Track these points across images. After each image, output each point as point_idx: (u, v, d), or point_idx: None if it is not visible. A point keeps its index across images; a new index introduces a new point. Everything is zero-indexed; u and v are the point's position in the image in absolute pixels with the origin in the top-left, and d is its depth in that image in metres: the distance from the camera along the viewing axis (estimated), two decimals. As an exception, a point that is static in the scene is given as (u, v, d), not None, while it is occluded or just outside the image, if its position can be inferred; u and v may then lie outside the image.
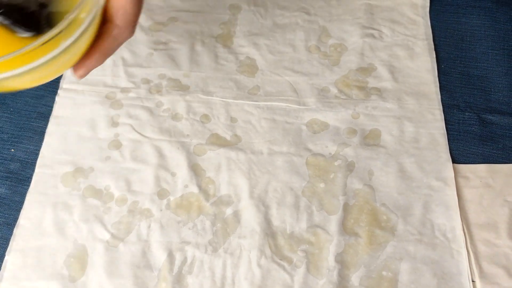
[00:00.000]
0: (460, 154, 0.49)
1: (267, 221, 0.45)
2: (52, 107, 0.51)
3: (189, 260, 0.43)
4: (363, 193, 0.47)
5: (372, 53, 0.55)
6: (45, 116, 0.51)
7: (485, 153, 0.49)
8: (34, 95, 0.52)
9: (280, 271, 0.43)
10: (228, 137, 0.50)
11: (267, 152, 0.49)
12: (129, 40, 0.55)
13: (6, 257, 0.43)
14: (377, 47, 0.56)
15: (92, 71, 0.53)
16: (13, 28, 0.30)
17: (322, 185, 0.47)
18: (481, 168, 0.48)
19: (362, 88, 0.53)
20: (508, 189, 0.46)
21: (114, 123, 0.50)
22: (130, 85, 0.53)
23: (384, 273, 0.43)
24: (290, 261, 0.43)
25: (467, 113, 0.51)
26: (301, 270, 0.43)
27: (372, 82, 0.53)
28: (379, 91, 0.52)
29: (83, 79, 0.53)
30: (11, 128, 0.50)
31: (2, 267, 0.43)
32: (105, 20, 0.34)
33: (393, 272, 0.43)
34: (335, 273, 0.42)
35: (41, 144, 0.49)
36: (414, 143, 0.49)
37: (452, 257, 0.43)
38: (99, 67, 0.53)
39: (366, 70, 0.54)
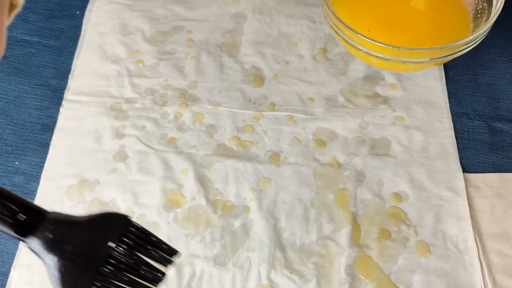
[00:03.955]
0: (470, 163, 0.48)
1: (276, 233, 0.44)
2: (56, 118, 0.51)
3: (197, 274, 0.42)
4: (373, 203, 0.46)
5: (379, 61, 0.55)
6: (50, 128, 0.50)
7: (495, 162, 0.48)
8: (38, 106, 0.52)
9: (291, 285, 0.42)
10: (235, 148, 0.49)
11: (275, 163, 0.48)
12: (133, 50, 0.55)
13: (11, 273, 0.42)
14: (384, 55, 0.55)
15: (96, 81, 0.53)
16: None
17: (331, 196, 0.46)
18: (492, 177, 0.47)
19: (369, 97, 0.52)
20: (520, 198, 0.46)
21: (119, 135, 0.50)
22: (135, 95, 0.52)
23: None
24: (300, 275, 0.42)
25: (476, 122, 0.51)
26: (312, 284, 0.42)
27: (379, 91, 0.53)
28: (387, 100, 0.52)
29: (88, 90, 0.52)
30: (15, 140, 0.50)
31: (7, 283, 0.42)
32: None
33: (405, 285, 0.42)
34: (346, 287, 0.42)
35: (46, 156, 0.48)
36: (423, 153, 0.49)
37: (465, 269, 0.43)
38: (103, 77, 0.53)
39: (373, 78, 0.54)
